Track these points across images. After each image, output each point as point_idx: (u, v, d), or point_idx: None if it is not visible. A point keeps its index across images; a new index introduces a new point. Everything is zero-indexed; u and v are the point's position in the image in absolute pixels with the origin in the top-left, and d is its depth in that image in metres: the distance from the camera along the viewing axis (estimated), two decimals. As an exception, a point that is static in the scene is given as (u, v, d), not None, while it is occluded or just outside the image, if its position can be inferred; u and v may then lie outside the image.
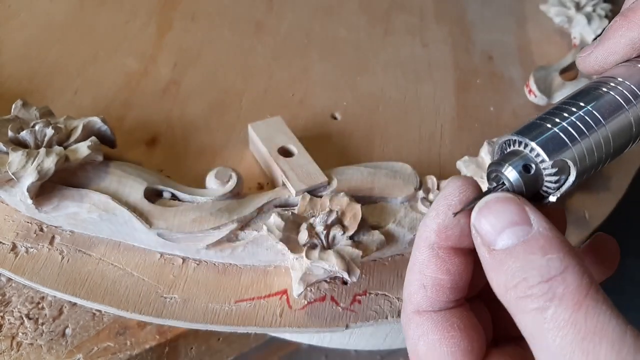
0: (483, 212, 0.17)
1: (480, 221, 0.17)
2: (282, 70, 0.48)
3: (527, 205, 0.16)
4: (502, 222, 0.16)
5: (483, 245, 0.17)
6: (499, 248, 0.16)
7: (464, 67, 0.52)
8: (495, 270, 0.16)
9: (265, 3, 0.54)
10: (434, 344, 0.17)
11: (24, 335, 0.32)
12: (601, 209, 0.43)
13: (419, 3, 0.59)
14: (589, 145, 0.17)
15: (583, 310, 0.14)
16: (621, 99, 0.18)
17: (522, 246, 0.16)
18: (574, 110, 0.18)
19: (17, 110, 0.36)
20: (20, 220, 0.34)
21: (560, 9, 0.56)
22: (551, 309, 0.14)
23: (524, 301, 0.15)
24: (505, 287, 0.16)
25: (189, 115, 0.43)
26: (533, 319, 0.15)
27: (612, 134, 0.17)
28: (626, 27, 0.18)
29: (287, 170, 0.35)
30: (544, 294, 0.14)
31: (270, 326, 0.32)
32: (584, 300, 0.14)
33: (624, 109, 0.18)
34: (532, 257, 0.15)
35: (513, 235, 0.16)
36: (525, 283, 0.15)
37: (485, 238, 0.17)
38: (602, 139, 0.17)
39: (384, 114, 0.46)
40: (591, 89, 0.18)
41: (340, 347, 0.39)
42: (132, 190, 0.33)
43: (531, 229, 0.16)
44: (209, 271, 0.34)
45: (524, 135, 0.17)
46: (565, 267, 0.15)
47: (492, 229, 0.16)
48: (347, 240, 0.32)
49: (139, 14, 0.50)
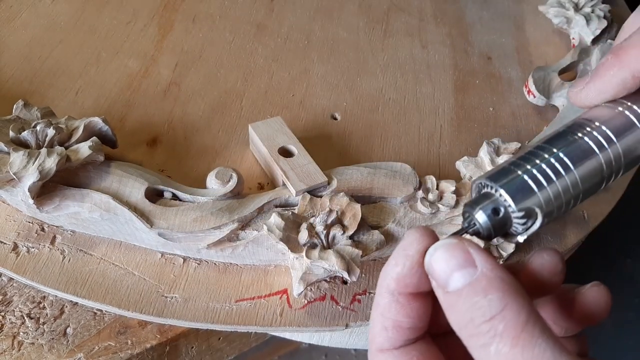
0: (434, 258, 0.18)
1: (432, 266, 0.18)
2: (282, 71, 0.48)
3: (471, 248, 0.18)
4: (451, 266, 0.18)
5: (439, 287, 0.18)
6: (450, 290, 0.17)
7: (463, 68, 0.52)
8: (449, 311, 0.18)
9: (265, 5, 0.55)
10: None
11: (25, 335, 0.32)
12: (600, 209, 0.44)
13: (418, 4, 0.59)
14: (556, 190, 0.18)
15: (520, 345, 0.15)
16: (594, 144, 0.19)
17: (468, 288, 0.17)
18: (545, 156, 0.19)
19: (19, 111, 0.36)
20: (22, 220, 0.35)
21: (558, 10, 0.57)
22: (493, 345, 0.16)
23: (472, 339, 0.16)
24: (458, 326, 0.17)
25: (190, 116, 0.43)
26: (481, 354, 0.16)
27: (580, 178, 0.18)
28: (618, 66, 0.19)
29: (287, 170, 0.35)
30: (487, 332, 0.16)
31: (270, 325, 0.33)
32: (520, 335, 0.15)
33: (595, 154, 0.19)
34: (476, 298, 0.17)
35: (462, 277, 0.17)
36: (472, 323, 0.16)
37: (439, 281, 0.18)
38: (570, 184, 0.18)
39: (384, 114, 0.46)
40: (566, 133, 0.19)
41: (340, 347, 0.39)
42: (133, 190, 0.33)
43: (476, 270, 0.17)
44: (210, 271, 0.34)
45: (495, 181, 0.19)
46: (505, 306, 0.16)
47: (443, 273, 0.18)
48: (347, 240, 0.32)
49: (141, 15, 0.51)
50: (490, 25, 0.59)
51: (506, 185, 0.18)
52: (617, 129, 0.19)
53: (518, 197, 0.18)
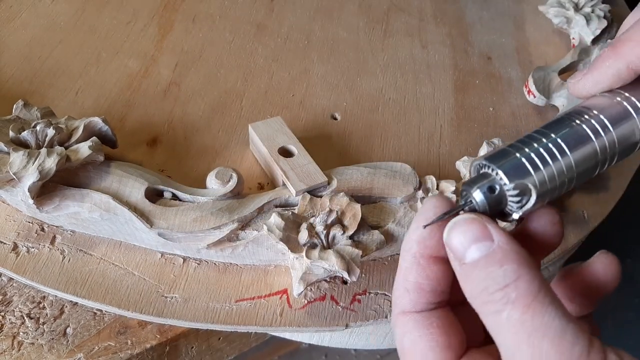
0: (452, 232, 0.19)
1: (450, 239, 0.19)
2: (282, 71, 0.48)
3: (489, 223, 0.19)
4: (468, 239, 0.19)
5: (455, 259, 0.19)
6: (467, 262, 0.19)
7: (463, 68, 0.52)
8: (464, 281, 0.19)
9: (265, 5, 0.55)
10: (416, 340, 0.20)
11: (25, 335, 0.32)
12: (600, 209, 0.44)
13: (418, 4, 0.59)
14: (551, 172, 0.19)
15: (530, 311, 0.17)
16: (590, 131, 0.20)
17: (484, 259, 0.18)
18: (542, 140, 0.20)
19: (19, 111, 0.36)
20: (22, 220, 0.35)
21: (558, 10, 0.57)
22: (505, 311, 0.17)
23: (485, 306, 0.18)
24: (472, 295, 0.18)
25: (190, 116, 0.43)
26: (493, 320, 0.17)
27: (575, 162, 0.19)
28: (613, 58, 0.20)
29: (287, 170, 0.35)
30: (500, 299, 0.17)
31: (270, 325, 0.33)
32: (531, 303, 0.17)
33: (590, 140, 0.20)
34: (492, 268, 0.18)
35: (478, 250, 0.18)
36: (486, 291, 0.18)
37: (456, 253, 0.19)
38: (565, 167, 0.19)
39: (384, 114, 0.46)
40: (565, 120, 0.20)
41: (340, 347, 0.39)
42: (133, 190, 0.33)
43: (492, 243, 0.18)
44: (210, 271, 0.34)
45: (492, 161, 0.20)
46: (518, 276, 0.17)
47: (460, 246, 0.19)
48: (347, 240, 0.32)
49: (141, 15, 0.51)
50: (490, 25, 0.59)
51: (502, 165, 0.20)
52: (613, 117, 0.20)
53: (512, 176, 0.19)
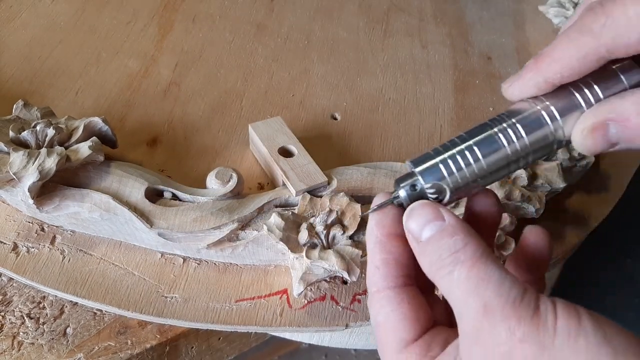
0: (410, 216, 0.23)
1: (409, 223, 0.23)
2: (282, 71, 0.48)
3: (440, 207, 0.22)
4: (423, 221, 0.22)
5: (413, 239, 0.22)
6: (423, 239, 0.22)
7: (462, 68, 0.52)
8: (422, 255, 0.22)
9: (265, 5, 0.55)
10: (388, 314, 0.23)
11: (25, 335, 0.32)
12: (600, 209, 0.44)
13: (418, 4, 0.59)
14: (463, 175, 0.23)
15: (475, 268, 0.20)
16: (504, 138, 0.22)
17: (438, 234, 0.22)
18: (460, 145, 0.23)
19: (19, 111, 0.36)
20: (22, 220, 0.35)
21: (558, 10, 0.57)
22: (456, 271, 0.20)
23: (439, 271, 0.21)
24: (429, 265, 0.22)
25: (190, 116, 0.43)
26: (446, 281, 0.21)
27: (487, 166, 0.23)
28: (534, 71, 0.22)
29: (287, 170, 0.35)
30: (451, 262, 0.21)
31: (270, 325, 0.33)
32: (476, 262, 0.20)
33: (502, 147, 0.22)
34: (444, 240, 0.21)
35: (431, 229, 0.22)
36: (440, 258, 0.21)
37: (414, 234, 0.22)
38: (477, 170, 0.23)
39: (384, 114, 0.46)
40: (484, 126, 0.23)
41: (340, 347, 0.39)
42: (133, 190, 0.33)
43: (444, 222, 0.22)
44: (210, 271, 0.34)
45: (414, 164, 0.24)
46: (466, 243, 0.21)
47: (417, 227, 0.22)
48: (347, 240, 0.32)
49: (141, 15, 0.51)
50: (490, 25, 0.59)
51: (421, 169, 0.23)
52: (528, 125, 0.22)
53: (429, 177, 0.23)
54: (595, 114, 0.21)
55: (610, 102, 0.21)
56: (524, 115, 0.22)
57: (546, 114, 0.22)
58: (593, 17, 0.20)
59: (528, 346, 0.18)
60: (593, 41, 0.20)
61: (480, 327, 0.19)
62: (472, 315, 0.19)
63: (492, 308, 0.19)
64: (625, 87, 0.21)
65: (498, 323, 0.19)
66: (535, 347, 0.18)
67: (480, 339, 0.19)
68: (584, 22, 0.20)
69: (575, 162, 0.40)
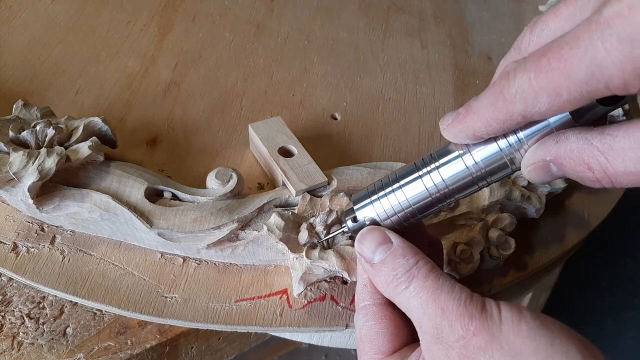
0: (360, 242, 0.26)
1: (360, 248, 0.26)
2: (282, 71, 0.48)
3: (386, 230, 0.26)
4: (374, 244, 0.25)
5: (366, 263, 0.25)
6: (376, 262, 0.25)
7: (463, 68, 0.52)
8: (377, 277, 0.25)
9: (265, 5, 0.55)
10: (371, 327, 0.25)
11: (24, 335, 0.32)
12: (600, 209, 0.44)
13: (418, 4, 0.59)
14: (392, 212, 0.26)
15: (429, 280, 0.23)
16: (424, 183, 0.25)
17: (390, 256, 0.25)
18: (392, 187, 0.26)
19: (18, 111, 0.36)
20: (21, 220, 0.35)
21: (559, 10, 0.57)
22: (412, 284, 0.23)
23: (396, 288, 0.24)
24: (385, 284, 0.24)
25: (190, 116, 0.43)
26: (403, 295, 0.24)
27: (415, 207, 0.26)
28: (463, 124, 0.23)
29: (287, 170, 0.35)
30: (407, 278, 0.24)
31: (270, 325, 0.32)
32: (429, 274, 0.23)
33: (427, 195, 0.25)
34: (397, 260, 0.24)
35: (383, 252, 0.25)
36: (395, 277, 0.24)
37: (366, 257, 0.25)
38: (404, 208, 0.26)
39: (384, 114, 0.46)
40: (414, 169, 0.26)
41: (340, 347, 0.39)
42: (133, 190, 0.33)
43: (392, 245, 0.25)
44: (210, 271, 0.34)
45: (354, 202, 0.28)
46: (417, 260, 0.24)
47: (368, 251, 0.25)
48: (347, 240, 0.32)
49: (141, 15, 0.51)
50: (490, 25, 0.59)
51: (359, 207, 0.27)
52: (450, 173, 0.25)
53: (365, 214, 0.27)
54: (534, 155, 0.22)
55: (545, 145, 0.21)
56: (447, 161, 0.25)
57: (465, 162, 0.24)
58: (505, 83, 0.20)
59: (481, 337, 0.21)
60: (508, 108, 0.20)
61: (440, 326, 0.22)
62: (432, 318, 0.22)
63: (448, 310, 0.22)
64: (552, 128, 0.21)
65: (454, 321, 0.22)
66: (486, 336, 0.21)
67: (441, 337, 0.22)
68: (499, 86, 0.20)
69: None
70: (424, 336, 0.23)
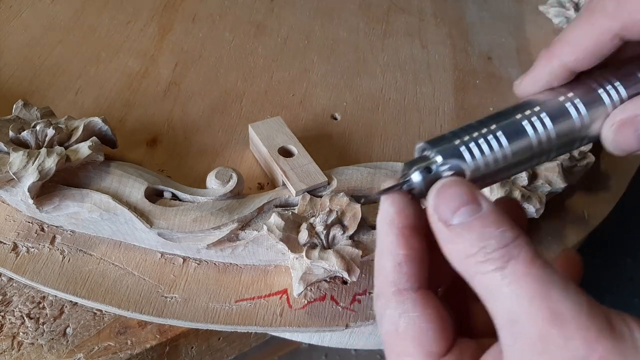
0: (440, 193, 0.19)
1: (436, 202, 0.19)
2: (282, 71, 0.48)
3: (475, 189, 0.19)
4: (456, 202, 0.19)
5: (440, 221, 0.19)
6: (455, 223, 0.19)
7: (463, 68, 0.52)
8: (452, 242, 0.19)
9: (265, 5, 0.55)
10: (413, 321, 0.19)
11: (24, 335, 0.32)
12: (600, 209, 0.44)
13: (418, 4, 0.59)
14: (485, 161, 0.20)
15: (536, 267, 0.17)
16: (529, 125, 0.21)
17: (477, 222, 0.18)
18: (482, 129, 0.21)
19: (18, 111, 0.36)
20: (21, 220, 0.35)
21: (559, 10, 0.57)
22: (508, 267, 0.17)
23: (483, 265, 0.18)
24: (465, 255, 0.18)
25: (190, 116, 0.43)
26: (490, 277, 0.18)
27: (512, 153, 0.20)
28: (547, 58, 0.21)
29: (287, 170, 0.35)
30: (501, 256, 0.18)
31: (270, 325, 0.32)
32: (534, 260, 0.17)
33: (526, 135, 0.21)
34: (488, 229, 0.18)
35: (466, 213, 0.19)
36: (485, 250, 0.18)
37: (442, 216, 0.19)
38: (499, 157, 0.20)
39: (384, 114, 0.46)
40: (508, 112, 0.21)
41: (340, 347, 0.39)
42: (133, 190, 0.33)
43: (480, 208, 0.19)
44: (210, 271, 0.34)
45: (432, 145, 0.21)
46: (517, 237, 0.18)
47: (447, 208, 0.19)
48: (347, 240, 0.32)
49: (141, 15, 0.50)
50: (490, 25, 0.59)
51: (440, 149, 0.20)
52: (552, 113, 0.21)
53: (448, 159, 0.20)
54: (624, 109, 0.19)
55: None
56: (548, 105, 0.20)
57: (571, 105, 0.20)
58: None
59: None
60: (607, 20, 0.18)
61: (547, 336, 0.16)
62: (536, 321, 0.17)
63: (562, 316, 0.16)
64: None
65: (572, 335, 0.16)
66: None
67: (548, 350, 0.16)
68: (597, 3, 0.19)
69: (575, 162, 0.40)
70: (517, 340, 0.17)
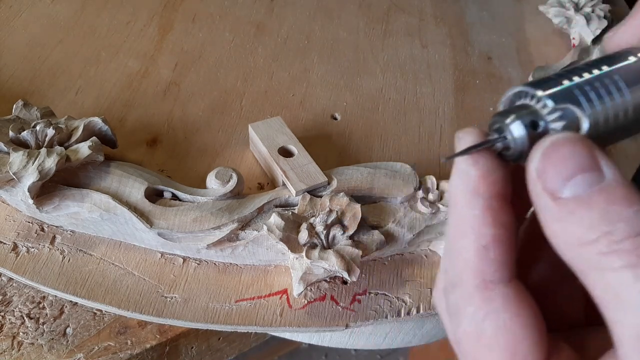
0: (548, 154, 0.14)
1: (543, 166, 0.14)
2: (282, 71, 0.48)
3: (597, 150, 0.14)
4: (570, 168, 0.14)
5: (545, 192, 0.14)
6: (566, 196, 0.14)
7: (463, 68, 0.52)
8: (563, 221, 0.14)
9: (265, 5, 0.55)
10: (505, 324, 0.14)
11: (24, 335, 0.32)
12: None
13: (418, 4, 0.59)
14: (605, 109, 0.15)
15: None
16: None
17: (601, 195, 0.13)
18: (594, 71, 0.16)
19: (18, 111, 0.36)
20: (21, 220, 0.35)
21: (559, 10, 0.57)
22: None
23: (607, 257, 0.13)
24: (580, 241, 0.14)
25: (190, 116, 0.43)
26: (619, 276, 0.13)
27: (634, 103, 0.16)
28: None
29: (287, 170, 0.35)
30: (635, 249, 0.13)
31: (270, 325, 0.32)
32: None
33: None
34: (615, 208, 0.13)
35: (583, 183, 0.14)
36: (610, 237, 0.13)
37: (549, 184, 0.14)
38: (622, 105, 0.15)
39: (384, 114, 0.46)
40: (619, 55, 0.16)
41: (340, 347, 0.39)
42: (133, 190, 0.33)
43: (603, 177, 0.14)
44: (210, 271, 0.34)
45: (536, 88, 0.15)
46: None
47: (557, 175, 0.14)
48: (347, 240, 0.32)
49: (140, 15, 0.50)
50: (490, 25, 0.59)
51: (550, 91, 0.15)
52: None
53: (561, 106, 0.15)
54: None
55: None
56: None
57: None
58: None
59: None
60: None
61: None
62: None
63: None
64: None
65: None
66: None
67: None
68: None
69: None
70: None
